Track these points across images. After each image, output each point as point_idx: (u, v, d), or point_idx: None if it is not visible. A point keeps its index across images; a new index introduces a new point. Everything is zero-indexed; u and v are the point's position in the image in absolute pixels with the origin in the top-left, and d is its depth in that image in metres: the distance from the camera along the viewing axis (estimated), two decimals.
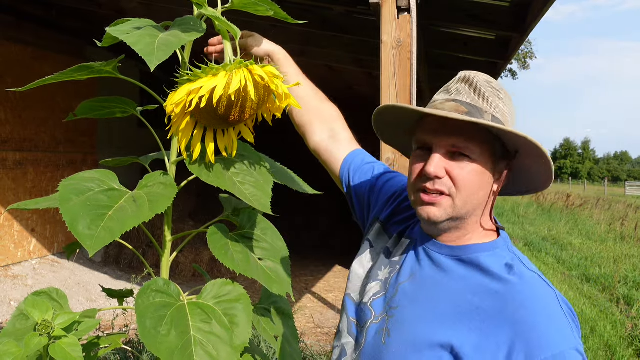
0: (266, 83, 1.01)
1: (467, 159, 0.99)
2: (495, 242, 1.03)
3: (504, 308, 0.92)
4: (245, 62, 1.01)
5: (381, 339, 1.02)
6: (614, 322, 5.85)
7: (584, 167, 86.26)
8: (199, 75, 1.00)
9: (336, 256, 8.45)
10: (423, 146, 1.03)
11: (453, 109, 0.99)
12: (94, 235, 0.90)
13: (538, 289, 0.95)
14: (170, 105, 1.00)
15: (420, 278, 1.04)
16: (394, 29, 2.94)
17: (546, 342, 0.87)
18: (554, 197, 21.97)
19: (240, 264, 1.09)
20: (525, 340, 0.88)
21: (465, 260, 1.01)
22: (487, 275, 0.97)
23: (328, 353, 4.10)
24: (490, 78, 1.06)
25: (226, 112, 1.02)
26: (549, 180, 1.04)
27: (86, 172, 1.05)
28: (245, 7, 1.07)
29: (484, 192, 1.01)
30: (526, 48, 21.74)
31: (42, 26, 6.43)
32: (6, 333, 1.12)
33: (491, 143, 1.00)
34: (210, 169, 1.10)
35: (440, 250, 1.04)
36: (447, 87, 1.06)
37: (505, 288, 0.94)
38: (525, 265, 1.00)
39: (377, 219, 1.23)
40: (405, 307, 1.02)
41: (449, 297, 0.98)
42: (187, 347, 0.96)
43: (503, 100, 1.03)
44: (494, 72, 5.86)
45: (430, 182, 1.00)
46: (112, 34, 0.99)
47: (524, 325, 0.89)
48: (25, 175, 6.38)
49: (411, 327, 0.99)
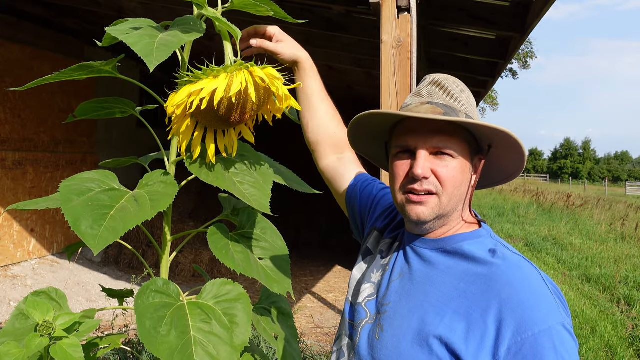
0: (267, 85, 1.01)
1: (449, 157, 1.04)
2: (477, 231, 1.07)
3: (490, 288, 0.94)
4: (246, 63, 1.01)
5: (375, 336, 1.05)
6: (615, 323, 5.84)
7: (585, 167, 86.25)
8: (200, 76, 0.99)
9: (336, 256, 8.46)
10: (404, 149, 1.07)
11: (430, 111, 1.04)
12: (97, 235, 0.90)
13: (523, 268, 0.97)
14: (171, 107, 1.00)
15: (409, 275, 1.07)
16: (394, 29, 2.94)
17: (533, 318, 0.89)
18: (554, 197, 21.98)
19: (241, 264, 1.09)
20: (512, 317, 0.90)
21: (450, 251, 1.05)
22: (472, 261, 1.01)
23: (328, 353, 4.10)
24: (456, 79, 1.11)
25: (227, 113, 1.02)
26: (520, 168, 1.09)
27: (86, 173, 1.05)
28: (245, 7, 1.07)
29: (465, 187, 1.07)
30: (526, 48, 21.78)
31: (42, 26, 6.43)
32: (5, 333, 1.12)
33: (468, 140, 1.06)
34: (209, 169, 1.09)
35: (427, 245, 1.08)
36: (418, 91, 1.10)
37: (490, 270, 0.97)
38: (509, 249, 1.03)
39: (374, 228, 1.27)
40: (397, 303, 1.04)
41: (438, 288, 1.00)
42: (187, 347, 0.95)
43: (470, 99, 1.09)
44: (494, 72, 5.85)
45: (418, 183, 1.04)
46: (111, 34, 0.99)
47: (511, 303, 0.91)
48: (24, 175, 6.38)
49: (403, 320, 1.01)
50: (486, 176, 1.16)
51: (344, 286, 6.85)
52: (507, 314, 0.90)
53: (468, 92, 1.10)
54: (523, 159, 1.06)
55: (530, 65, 22.41)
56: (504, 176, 1.15)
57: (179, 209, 7.75)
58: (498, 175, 1.16)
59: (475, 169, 1.10)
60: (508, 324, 0.89)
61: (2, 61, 5.93)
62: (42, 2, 5.75)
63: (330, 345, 4.39)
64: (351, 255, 8.50)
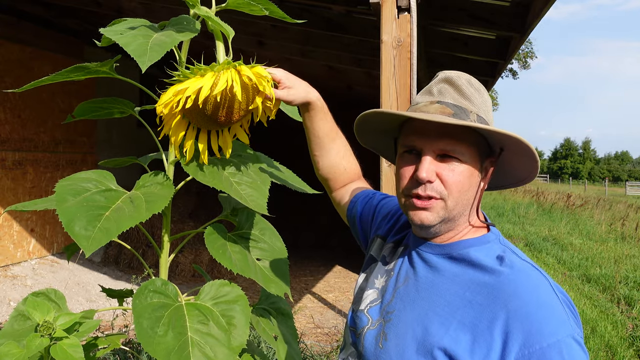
0: (254, 83, 1.00)
1: (456, 160, 0.99)
2: (485, 236, 1.03)
3: (496, 299, 0.91)
4: (234, 62, 1.01)
5: (378, 344, 1.02)
6: (615, 323, 5.84)
7: (585, 167, 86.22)
8: (188, 75, 1.00)
9: (336, 256, 8.45)
10: (411, 149, 1.03)
11: (439, 111, 0.99)
12: (90, 236, 0.90)
13: (531, 277, 0.93)
14: (159, 106, 1.00)
15: (415, 281, 1.04)
16: (394, 29, 2.94)
17: (542, 330, 0.85)
18: (554, 197, 21.96)
19: (238, 264, 1.09)
20: (520, 329, 0.86)
21: (456, 257, 1.01)
22: (478, 269, 0.97)
23: (328, 353, 4.09)
24: (470, 77, 1.06)
25: (213, 112, 1.01)
26: (534, 173, 1.04)
27: (83, 173, 1.05)
28: (239, 6, 1.07)
29: (472, 191, 1.02)
30: (527, 48, 21.78)
31: (42, 26, 6.43)
32: (5, 334, 1.12)
33: (477, 143, 1.01)
34: (206, 169, 1.09)
35: (432, 250, 1.04)
36: (429, 89, 1.05)
37: (497, 279, 0.93)
38: (518, 255, 0.99)
39: (377, 235, 1.25)
40: (402, 310, 1.01)
41: (443, 297, 0.97)
42: (184, 348, 0.95)
43: (484, 98, 1.03)
44: (494, 72, 5.86)
45: (422, 187, 0.99)
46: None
47: (518, 315, 0.87)
48: (24, 175, 6.38)
49: (407, 329, 0.98)
50: (498, 178, 1.11)
51: (344, 286, 6.85)
52: (514, 325, 0.87)
53: (483, 90, 1.04)
54: (536, 165, 1.01)
55: (530, 65, 22.43)
56: (515, 180, 1.10)
57: (179, 209, 7.75)
58: (510, 178, 1.11)
59: (485, 172, 1.05)
60: (515, 336, 0.86)
61: (2, 61, 5.93)
62: (42, 2, 5.75)
63: (331, 345, 4.39)
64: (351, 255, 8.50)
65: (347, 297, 6.28)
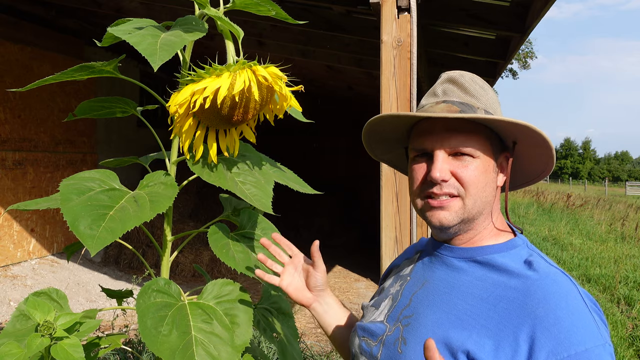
0: (269, 84, 1.00)
1: (468, 157, 0.97)
2: (513, 241, 1.00)
3: (523, 304, 0.87)
4: (249, 62, 1.01)
5: (397, 349, 0.98)
6: (615, 323, 5.84)
7: (585, 167, 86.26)
8: (203, 75, 0.99)
9: (336, 256, 8.45)
10: (422, 152, 1.01)
11: (445, 110, 0.98)
12: (96, 235, 0.90)
13: (560, 284, 0.89)
14: (174, 106, 1.00)
15: (433, 284, 1.01)
16: (394, 29, 2.94)
17: (570, 339, 0.82)
18: (554, 197, 21.97)
19: (241, 263, 1.09)
20: (547, 336, 0.83)
21: (480, 261, 0.98)
22: (505, 273, 0.94)
23: (328, 353, 4.10)
24: (474, 75, 1.05)
25: (229, 112, 1.01)
26: (550, 164, 1.02)
27: (86, 172, 1.05)
28: (247, 7, 1.07)
29: (490, 188, 0.99)
30: (527, 48, 21.79)
31: (42, 26, 6.43)
32: (6, 333, 1.12)
33: (489, 137, 0.99)
34: (212, 169, 1.09)
35: (454, 253, 1.01)
36: (433, 90, 1.04)
37: (524, 284, 0.90)
38: (546, 260, 0.96)
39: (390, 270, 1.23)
40: (421, 314, 0.98)
41: (465, 299, 0.94)
42: (188, 347, 0.95)
43: (490, 95, 1.02)
44: (494, 72, 5.86)
45: (437, 187, 0.97)
46: (113, 34, 0.99)
47: (546, 322, 0.84)
48: (24, 175, 6.38)
49: (428, 332, 0.94)
50: (516, 176, 1.08)
51: (344, 286, 6.85)
52: (541, 332, 0.83)
53: (487, 87, 1.03)
54: (551, 154, 0.98)
55: (530, 65, 22.43)
56: (533, 175, 1.07)
57: (179, 209, 7.76)
58: (527, 174, 1.08)
59: (502, 167, 1.02)
60: (542, 343, 0.82)
61: (2, 61, 5.93)
62: (42, 2, 5.75)
63: (330, 345, 4.39)
64: (351, 255, 8.50)
65: (347, 297, 6.28)
